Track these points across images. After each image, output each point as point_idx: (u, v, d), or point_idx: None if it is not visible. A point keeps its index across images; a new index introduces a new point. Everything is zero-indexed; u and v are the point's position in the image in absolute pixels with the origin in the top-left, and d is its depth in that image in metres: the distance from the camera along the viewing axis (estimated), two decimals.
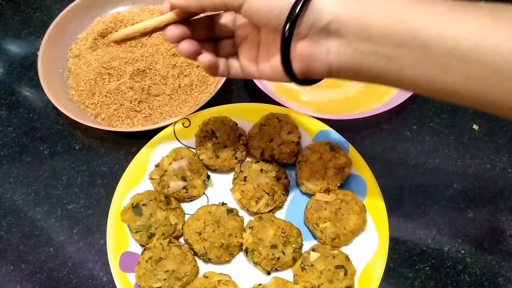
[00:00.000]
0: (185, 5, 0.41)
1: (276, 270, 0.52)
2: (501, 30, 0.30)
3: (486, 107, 0.34)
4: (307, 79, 0.41)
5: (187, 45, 0.42)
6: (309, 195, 0.56)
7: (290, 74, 0.39)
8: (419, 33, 0.33)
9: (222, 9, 0.41)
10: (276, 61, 0.40)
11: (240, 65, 0.46)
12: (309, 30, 0.36)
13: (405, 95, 0.62)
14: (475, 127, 0.65)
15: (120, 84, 0.63)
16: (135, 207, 0.53)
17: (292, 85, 0.66)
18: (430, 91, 0.35)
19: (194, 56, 0.44)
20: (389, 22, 0.34)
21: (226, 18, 0.46)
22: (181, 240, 0.55)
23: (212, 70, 0.45)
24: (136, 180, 0.57)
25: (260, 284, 0.51)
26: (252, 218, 0.55)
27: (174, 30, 0.42)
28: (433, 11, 0.33)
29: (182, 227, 0.54)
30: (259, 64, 0.43)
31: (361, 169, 0.57)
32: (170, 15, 0.42)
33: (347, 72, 0.38)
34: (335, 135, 0.59)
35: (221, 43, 0.47)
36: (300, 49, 0.38)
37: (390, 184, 0.60)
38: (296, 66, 0.39)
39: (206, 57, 0.43)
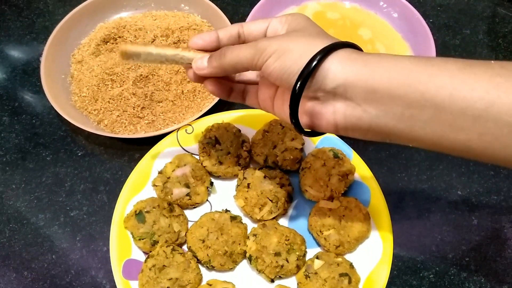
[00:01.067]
0: (209, 74, 0.43)
1: (280, 277, 0.52)
2: None
3: (502, 163, 0.33)
4: (313, 131, 0.42)
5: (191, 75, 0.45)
6: (313, 202, 0.56)
7: (297, 127, 0.40)
8: (430, 95, 0.32)
9: (245, 71, 0.43)
10: (288, 109, 0.41)
11: (259, 98, 0.46)
12: (316, 92, 0.37)
13: None
14: None
15: (123, 90, 0.63)
16: (138, 214, 0.52)
17: None
18: (444, 148, 0.35)
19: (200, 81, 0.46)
20: (398, 84, 0.33)
21: None
22: (185, 247, 0.54)
23: (219, 95, 0.46)
24: (139, 187, 0.57)
25: None
26: (255, 225, 0.54)
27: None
28: (443, 72, 0.32)
29: (185, 234, 0.54)
30: (275, 104, 0.44)
31: (365, 176, 0.57)
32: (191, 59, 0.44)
33: (354, 131, 0.38)
34: (338, 142, 0.59)
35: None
36: (308, 107, 0.39)
37: (394, 190, 0.60)
38: (303, 121, 0.40)
39: (211, 88, 0.45)
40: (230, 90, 0.46)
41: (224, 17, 0.69)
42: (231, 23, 0.68)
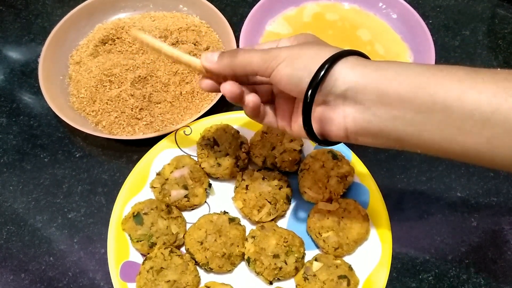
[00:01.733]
0: (217, 70, 0.42)
1: (278, 280, 0.52)
2: None
3: (510, 168, 0.33)
4: (328, 140, 0.41)
5: (230, 88, 0.42)
6: (312, 203, 0.56)
7: (311, 135, 0.40)
8: (439, 98, 0.33)
9: (253, 75, 0.42)
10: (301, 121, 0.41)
11: (276, 117, 0.46)
12: (326, 96, 0.37)
13: None
14: None
15: (121, 91, 0.63)
16: (136, 216, 0.52)
17: None
18: (452, 154, 0.35)
19: (237, 98, 0.43)
20: (408, 88, 0.34)
21: None
22: (183, 249, 0.54)
23: (255, 112, 0.44)
24: (137, 188, 0.56)
25: None
26: (254, 227, 0.54)
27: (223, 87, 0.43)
28: (451, 77, 0.33)
29: (183, 236, 0.54)
30: (292, 120, 0.44)
31: (364, 178, 0.57)
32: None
33: (364, 135, 0.38)
34: None
35: (258, 87, 0.46)
36: (318, 113, 0.39)
37: (393, 192, 0.60)
38: (315, 128, 0.40)
39: (252, 98, 0.42)
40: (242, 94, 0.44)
41: (223, 18, 0.69)
42: (230, 24, 0.68)
